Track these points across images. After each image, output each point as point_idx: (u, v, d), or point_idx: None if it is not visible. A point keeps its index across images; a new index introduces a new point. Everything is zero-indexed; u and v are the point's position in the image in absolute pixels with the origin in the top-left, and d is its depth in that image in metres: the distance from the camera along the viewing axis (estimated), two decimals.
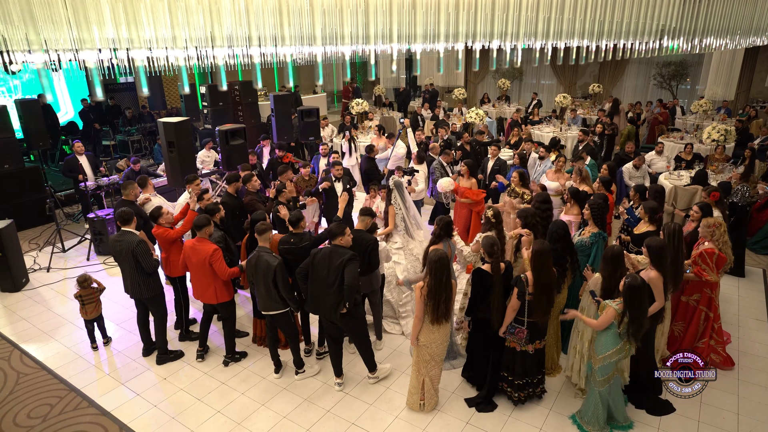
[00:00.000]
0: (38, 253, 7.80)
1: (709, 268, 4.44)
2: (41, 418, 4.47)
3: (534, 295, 4.00)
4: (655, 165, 9.35)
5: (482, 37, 5.64)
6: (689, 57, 16.41)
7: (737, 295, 6.29)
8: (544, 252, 3.99)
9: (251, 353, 5.31)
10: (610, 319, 3.77)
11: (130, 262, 4.80)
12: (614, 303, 3.78)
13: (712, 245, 4.48)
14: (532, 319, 4.07)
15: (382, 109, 16.36)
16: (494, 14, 5.44)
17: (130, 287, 4.97)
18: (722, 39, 6.36)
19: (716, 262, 4.46)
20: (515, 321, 4.15)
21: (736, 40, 6.63)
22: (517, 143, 10.21)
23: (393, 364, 5.07)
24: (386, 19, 5.02)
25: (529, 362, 4.27)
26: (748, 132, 11.73)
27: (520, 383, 4.31)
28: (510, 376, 4.36)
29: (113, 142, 12.97)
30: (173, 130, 6.86)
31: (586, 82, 18.28)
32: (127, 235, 4.84)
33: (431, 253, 3.98)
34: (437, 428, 4.25)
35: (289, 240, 4.81)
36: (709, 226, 4.54)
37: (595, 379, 3.98)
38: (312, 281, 4.44)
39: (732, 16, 5.94)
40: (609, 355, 3.83)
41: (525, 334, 4.12)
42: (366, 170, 7.75)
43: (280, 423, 4.36)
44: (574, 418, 4.24)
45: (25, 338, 5.67)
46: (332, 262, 4.30)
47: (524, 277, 4.02)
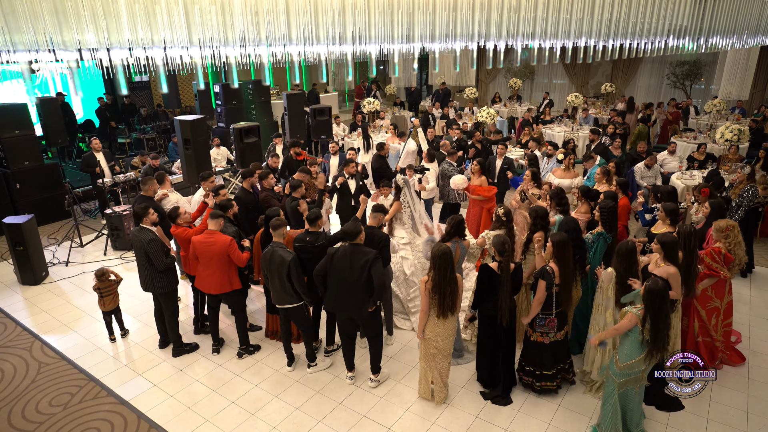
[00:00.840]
0: (57, 248, 7.99)
1: (719, 266, 4.46)
2: (62, 407, 4.62)
3: (560, 286, 4.14)
4: (667, 165, 9.33)
5: (495, 36, 5.69)
6: (703, 56, 16.27)
7: (749, 295, 6.28)
8: (565, 242, 4.16)
9: (264, 347, 5.41)
10: (630, 324, 3.66)
11: (142, 257, 4.95)
12: (635, 309, 3.67)
13: (720, 244, 4.50)
14: (561, 308, 4.22)
15: (394, 108, 16.43)
16: (506, 14, 5.49)
17: (144, 282, 5.11)
18: (728, 39, 6.36)
19: (723, 260, 4.48)
20: (542, 313, 4.24)
21: (743, 40, 6.62)
22: (528, 142, 10.23)
23: (403, 359, 5.14)
24: (409, 19, 5.10)
25: (560, 350, 4.42)
26: (763, 132, 11.62)
27: (551, 373, 4.41)
28: (538, 370, 4.43)
29: (129, 139, 13.21)
30: (189, 128, 6.99)
31: (599, 81, 18.19)
32: (142, 231, 4.98)
33: (434, 248, 4.06)
34: (447, 421, 4.32)
35: (305, 238, 4.89)
36: (722, 231, 4.55)
37: (613, 380, 3.85)
38: (332, 280, 4.47)
39: (738, 15, 5.94)
40: (634, 363, 3.74)
41: (555, 323, 4.24)
42: (377, 168, 7.83)
43: (292, 414, 4.46)
44: (594, 429, 4.11)
45: (46, 329, 5.83)
46: (355, 261, 4.33)
47: (550, 269, 4.11)
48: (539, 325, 4.28)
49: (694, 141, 10.88)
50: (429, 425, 4.29)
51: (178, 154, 10.51)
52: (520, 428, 4.23)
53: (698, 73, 16.59)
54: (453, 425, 4.28)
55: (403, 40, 5.35)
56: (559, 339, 4.37)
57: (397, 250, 5.54)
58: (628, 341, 3.73)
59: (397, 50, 5.67)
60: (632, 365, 3.75)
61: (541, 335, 4.32)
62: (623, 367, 3.78)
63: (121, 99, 14.24)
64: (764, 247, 7.62)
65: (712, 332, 4.69)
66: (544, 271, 4.13)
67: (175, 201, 6.41)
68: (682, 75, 16.69)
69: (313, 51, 5.70)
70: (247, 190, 6.18)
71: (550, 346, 4.36)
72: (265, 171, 6.33)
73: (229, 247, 4.81)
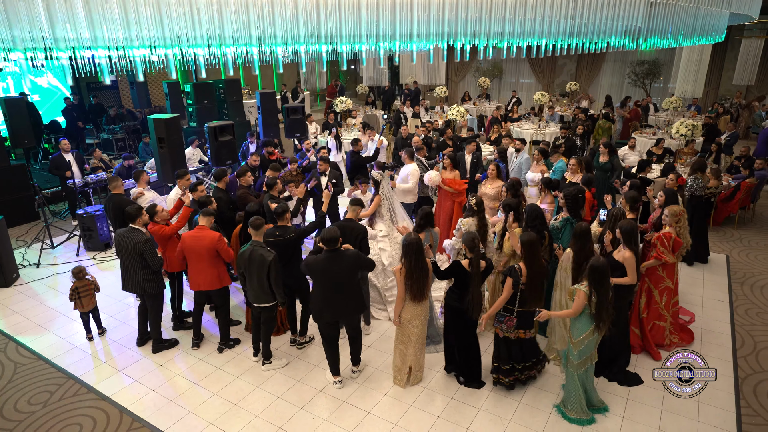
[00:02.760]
0: (26, 250, 7.86)
1: (666, 250, 4.81)
2: (42, 404, 4.62)
3: (527, 285, 4.23)
4: (628, 159, 9.79)
5: (463, 35, 5.91)
6: (661, 56, 17.03)
7: (702, 279, 6.71)
8: (533, 242, 4.24)
9: (244, 340, 5.51)
10: (582, 302, 3.97)
11: (135, 259, 4.91)
12: (582, 285, 3.99)
13: (670, 230, 4.85)
14: (524, 308, 4.28)
15: (366, 108, 16.60)
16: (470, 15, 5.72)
17: (132, 283, 5.04)
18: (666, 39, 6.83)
19: (673, 246, 4.83)
20: (504, 310, 4.34)
21: (679, 40, 7.12)
22: (497, 140, 10.55)
23: (381, 347, 5.33)
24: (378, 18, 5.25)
25: (514, 349, 4.46)
26: (716, 128, 12.28)
27: (507, 368, 4.51)
28: (496, 362, 4.58)
29: (97, 140, 12.97)
30: (164, 127, 7.00)
31: (564, 80, 18.79)
32: (134, 232, 4.94)
33: (404, 238, 4.29)
34: (424, 403, 4.53)
35: (274, 233, 4.94)
36: (675, 214, 4.88)
37: (572, 362, 4.17)
38: (317, 287, 4.49)
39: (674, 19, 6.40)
40: (585, 336, 4.05)
41: (514, 323, 4.31)
42: (352, 164, 7.98)
43: (274, 403, 4.59)
44: (558, 407, 4.40)
45: (20, 330, 5.78)
46: (338, 266, 4.35)
47: (518, 268, 4.24)
48: (498, 321, 4.38)
49: (653, 137, 11.42)
50: (406, 407, 4.48)
51: (148, 154, 10.46)
52: (493, 407, 4.47)
53: (657, 72, 17.34)
54: (429, 407, 4.48)
55: (372, 39, 5.51)
56: (511, 338, 4.39)
57: (378, 242, 5.72)
58: (579, 317, 4.05)
59: (366, 50, 5.83)
60: (584, 339, 4.06)
61: (505, 331, 4.37)
62: (577, 343, 4.08)
63: (87, 99, 13.99)
64: (716, 236, 8.12)
65: (663, 311, 5.04)
66: (512, 269, 4.26)
67: (150, 199, 6.44)
68: (641, 74, 17.42)
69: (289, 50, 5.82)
70: (222, 190, 6.25)
71: (516, 342, 4.43)
72: (243, 168, 6.43)
73: (218, 242, 4.90)
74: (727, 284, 6.59)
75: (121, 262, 5.10)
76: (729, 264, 7.18)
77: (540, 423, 4.29)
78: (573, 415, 4.28)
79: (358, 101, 19.40)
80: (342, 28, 5.22)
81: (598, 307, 3.94)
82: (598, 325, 3.99)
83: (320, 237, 4.41)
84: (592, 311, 3.98)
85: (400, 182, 7.02)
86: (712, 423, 4.23)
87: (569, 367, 4.25)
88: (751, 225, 8.68)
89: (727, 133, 11.54)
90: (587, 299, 3.96)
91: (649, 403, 4.48)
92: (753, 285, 6.59)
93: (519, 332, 4.38)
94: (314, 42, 5.28)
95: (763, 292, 6.42)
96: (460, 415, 4.39)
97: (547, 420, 4.32)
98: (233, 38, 4.88)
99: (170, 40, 4.57)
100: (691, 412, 4.35)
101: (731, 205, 8.37)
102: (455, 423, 4.30)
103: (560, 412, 4.37)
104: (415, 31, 5.44)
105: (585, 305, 3.99)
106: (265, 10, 4.79)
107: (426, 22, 5.43)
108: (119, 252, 5.08)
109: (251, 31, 4.89)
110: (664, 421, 4.28)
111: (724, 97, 16.53)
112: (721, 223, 8.55)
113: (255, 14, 4.81)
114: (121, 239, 4.99)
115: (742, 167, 8.66)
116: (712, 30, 7.39)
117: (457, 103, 14.78)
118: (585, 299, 3.96)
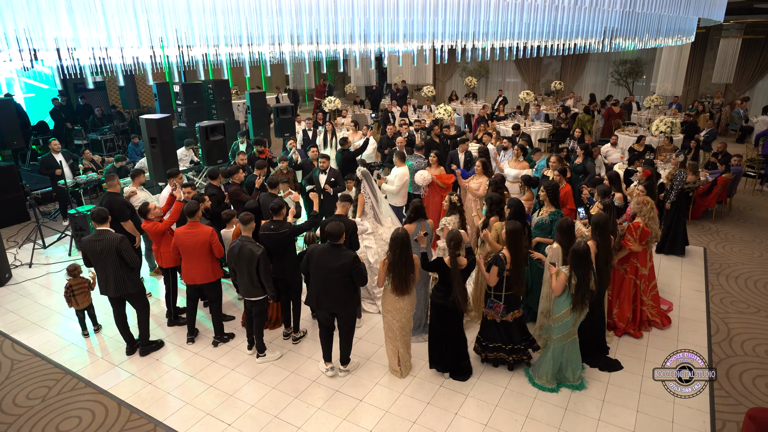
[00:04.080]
0: (18, 250, 7.90)
1: (633, 239, 5.10)
2: (40, 399, 4.72)
3: (511, 271, 4.50)
4: (610, 156, 10.06)
5: (450, 37, 6.09)
6: (643, 55, 17.40)
7: (680, 270, 6.98)
8: (517, 230, 4.51)
9: (239, 335, 5.64)
10: (562, 282, 4.30)
11: (113, 259, 4.84)
12: (564, 268, 4.34)
13: (639, 220, 5.12)
14: (511, 292, 4.56)
15: (354, 107, 16.75)
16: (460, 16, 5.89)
17: (113, 285, 4.95)
18: (631, 40, 7.12)
19: (640, 235, 5.11)
20: (494, 296, 4.62)
21: (645, 41, 7.41)
22: (484, 137, 10.76)
23: (372, 339, 5.50)
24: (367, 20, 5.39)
25: (511, 331, 4.73)
26: (696, 125, 12.63)
27: (507, 348, 4.77)
28: (491, 343, 4.80)
29: (85, 141, 12.96)
30: (156, 127, 7.10)
31: (549, 79, 19.10)
32: (105, 233, 4.87)
33: (393, 232, 4.46)
34: (413, 391, 4.70)
35: (269, 227, 5.10)
36: (639, 203, 5.23)
37: (551, 336, 4.53)
38: (314, 278, 4.63)
39: (639, 20, 6.68)
40: (562, 315, 4.38)
41: (501, 308, 4.59)
42: (342, 161, 8.13)
43: (269, 393, 4.73)
44: (527, 371, 4.80)
45: (15, 329, 5.85)
46: (336, 261, 4.46)
47: (502, 256, 4.50)
48: (488, 306, 4.69)
49: (635, 134, 11.72)
50: (397, 395, 4.66)
51: (138, 154, 10.51)
52: (480, 393, 4.66)
53: (639, 71, 17.72)
54: (419, 394, 4.66)
55: (362, 39, 5.66)
56: (508, 320, 4.67)
57: (363, 239, 5.89)
58: (560, 296, 4.39)
59: (357, 50, 5.97)
60: (562, 317, 4.39)
61: (495, 316, 4.68)
62: (556, 319, 4.41)
63: (75, 100, 13.96)
64: (695, 229, 8.41)
65: (643, 296, 5.30)
66: (497, 257, 4.52)
67: (143, 199, 6.53)
68: (624, 73, 17.78)
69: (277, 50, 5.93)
70: (216, 187, 6.38)
71: (502, 325, 4.71)
72: (235, 167, 6.56)
73: (211, 237, 5.03)
74: (704, 275, 6.87)
75: (98, 268, 4.94)
76: (706, 256, 7.46)
77: (525, 407, 4.49)
78: (537, 380, 4.66)
79: (347, 101, 19.54)
80: (329, 29, 5.36)
81: (577, 288, 4.25)
82: (575, 305, 4.28)
83: (326, 230, 4.50)
84: (572, 292, 4.29)
85: (387, 183, 7.20)
86: (687, 404, 4.47)
87: (548, 339, 4.60)
88: (728, 218, 9.00)
89: (705, 130, 11.88)
90: (567, 281, 4.27)
91: (628, 387, 4.71)
92: (728, 275, 6.87)
93: (514, 312, 4.67)
94: (300, 43, 5.41)
95: (738, 281, 6.70)
96: (449, 401, 4.57)
97: (531, 404, 4.52)
98: (225, 38, 5.00)
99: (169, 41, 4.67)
100: (667, 395, 4.56)
101: (708, 200, 8.67)
102: (444, 409, 4.49)
103: (527, 375, 4.77)
104: (401, 32, 5.61)
105: (566, 286, 4.30)
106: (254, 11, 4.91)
107: (410, 23, 5.61)
108: (92, 259, 4.89)
109: (241, 32, 5.02)
110: (641, 403, 4.51)
111: (704, 96, 16.95)
112: (699, 217, 8.85)
113: (245, 15, 4.93)
114: (91, 245, 4.83)
115: (719, 163, 8.96)
116: (681, 32, 7.70)
117: (444, 102, 14.99)
118: (565, 280, 4.28)
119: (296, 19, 5.20)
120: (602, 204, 5.14)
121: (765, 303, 6.17)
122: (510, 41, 6.24)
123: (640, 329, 5.44)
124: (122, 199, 6.04)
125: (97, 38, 4.42)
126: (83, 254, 4.99)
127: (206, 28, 4.83)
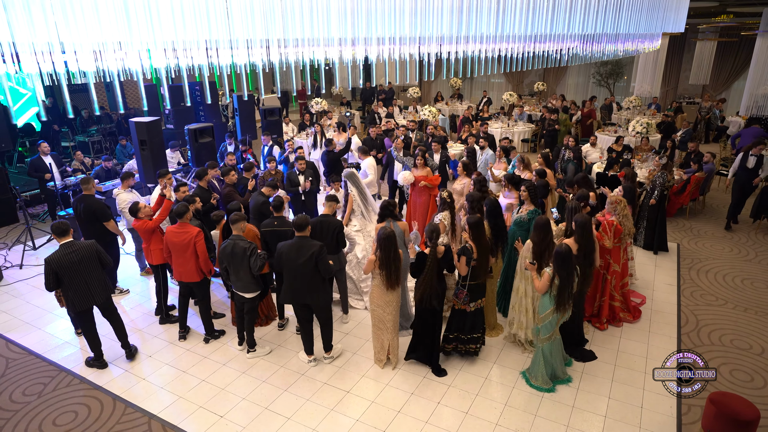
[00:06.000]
0: (8, 252, 7.97)
1: (606, 236, 5.36)
2: (37, 395, 4.86)
3: (477, 260, 4.76)
4: (589, 156, 10.38)
5: (437, 40, 6.30)
6: (623, 57, 17.82)
7: (654, 265, 7.29)
8: (478, 223, 4.82)
9: (229, 332, 5.81)
10: (546, 282, 4.48)
11: (95, 264, 4.83)
12: (549, 269, 4.51)
13: (614, 218, 5.39)
14: (475, 281, 4.82)
15: (341, 108, 16.94)
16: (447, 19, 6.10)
17: (100, 290, 4.90)
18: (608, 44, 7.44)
19: (614, 232, 5.37)
20: (460, 285, 4.87)
21: (617, 45, 7.75)
22: (468, 139, 11.02)
23: (359, 334, 5.71)
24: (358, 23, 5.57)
25: (477, 319, 4.98)
26: (674, 125, 13.03)
27: (467, 338, 5.02)
28: (463, 335, 5.02)
29: (72, 143, 12.99)
30: (145, 129, 7.23)
31: (532, 80, 19.47)
32: (74, 244, 4.77)
33: (379, 232, 4.68)
34: (399, 382, 4.93)
35: (272, 223, 5.37)
36: (612, 203, 5.51)
37: (538, 337, 4.71)
38: (286, 272, 4.85)
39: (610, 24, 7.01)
40: (547, 314, 4.56)
41: (464, 294, 4.84)
42: (328, 162, 8.34)
43: (260, 386, 4.92)
44: (524, 374, 4.94)
45: (8, 328, 5.96)
46: (304, 253, 4.70)
47: (469, 246, 4.75)
48: (454, 295, 4.94)
49: (614, 134, 12.07)
50: (383, 386, 4.88)
51: (126, 156, 10.60)
52: (462, 383, 4.90)
53: (620, 72, 18.15)
54: (404, 385, 4.89)
55: (347, 43, 5.84)
56: (472, 310, 4.89)
57: (352, 237, 6.10)
58: (544, 297, 4.59)
59: (343, 53, 6.15)
60: (546, 316, 4.58)
61: (460, 303, 4.89)
62: (542, 319, 4.60)
63: (62, 102, 13.95)
64: (669, 226, 8.70)
65: (614, 292, 5.57)
66: (464, 248, 4.78)
67: (130, 200, 6.63)
68: (605, 74, 18.20)
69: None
70: (204, 188, 6.53)
71: (472, 314, 4.93)
72: (227, 168, 6.72)
73: (196, 237, 5.20)
74: (676, 270, 7.18)
75: (76, 281, 4.75)
76: (679, 251, 7.79)
77: (504, 396, 4.73)
78: (534, 382, 4.81)
79: (333, 102, 19.70)
80: (318, 31, 5.54)
81: (559, 289, 4.43)
82: (557, 306, 4.47)
83: (293, 221, 4.76)
84: (554, 293, 4.47)
85: (362, 177, 7.41)
86: (656, 390, 4.74)
87: (536, 341, 4.80)
88: (701, 215, 9.36)
89: (682, 130, 12.28)
90: (550, 281, 4.46)
91: (601, 375, 4.98)
92: (699, 270, 7.20)
93: (478, 302, 4.89)
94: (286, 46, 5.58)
95: (708, 276, 7.03)
96: (432, 391, 4.80)
97: (510, 393, 4.77)
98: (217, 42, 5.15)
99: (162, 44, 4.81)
100: (637, 382, 4.85)
101: (683, 197, 9.02)
102: (428, 398, 4.71)
103: (525, 377, 4.91)
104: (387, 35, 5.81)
105: (548, 286, 4.50)
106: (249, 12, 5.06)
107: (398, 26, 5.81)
108: (69, 272, 4.71)
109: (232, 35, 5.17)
110: (613, 390, 4.78)
111: (682, 96, 17.42)
112: (674, 215, 9.19)
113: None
114: (67, 258, 4.67)
115: (692, 162, 9.31)
116: (646, 38, 8.04)
117: (429, 103, 15.24)
118: (548, 280, 4.48)
119: (283, 23, 5.37)
120: None
121: (732, 296, 6.50)
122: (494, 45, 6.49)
123: (608, 323, 5.70)
124: (100, 201, 6.18)
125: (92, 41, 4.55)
126: (52, 274, 4.64)
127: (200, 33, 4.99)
